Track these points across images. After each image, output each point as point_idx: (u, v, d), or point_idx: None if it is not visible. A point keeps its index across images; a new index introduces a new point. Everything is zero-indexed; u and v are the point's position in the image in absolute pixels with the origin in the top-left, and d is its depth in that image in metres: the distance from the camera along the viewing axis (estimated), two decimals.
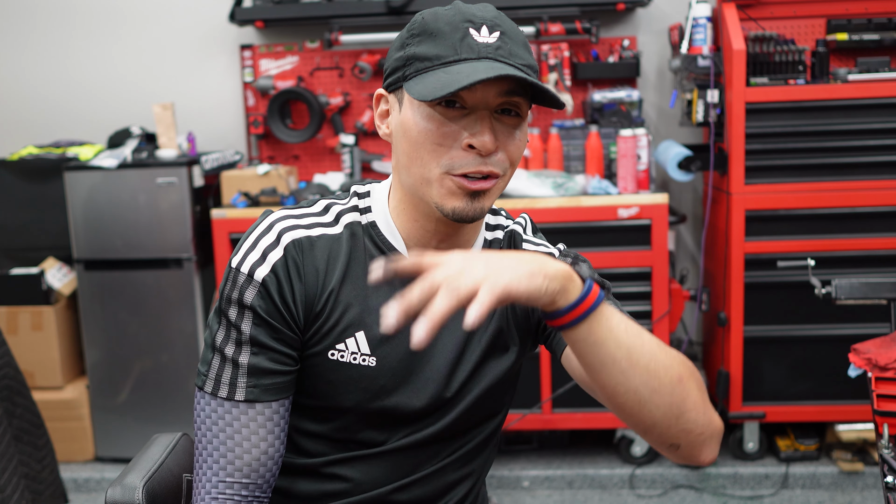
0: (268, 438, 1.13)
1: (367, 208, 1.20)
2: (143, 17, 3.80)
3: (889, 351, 1.89)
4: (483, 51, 1.06)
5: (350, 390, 1.16)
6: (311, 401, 1.18)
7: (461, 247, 1.20)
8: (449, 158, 1.08)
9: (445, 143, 1.08)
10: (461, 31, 1.07)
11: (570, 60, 3.49)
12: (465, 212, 1.10)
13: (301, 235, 1.15)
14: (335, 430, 1.19)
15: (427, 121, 1.08)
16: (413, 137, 1.09)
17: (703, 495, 3.16)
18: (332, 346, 1.15)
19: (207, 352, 1.15)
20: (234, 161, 3.59)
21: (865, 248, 3.12)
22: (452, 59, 1.06)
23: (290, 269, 1.13)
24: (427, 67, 1.07)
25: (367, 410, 1.17)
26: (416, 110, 1.09)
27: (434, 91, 1.03)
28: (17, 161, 3.55)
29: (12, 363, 2.46)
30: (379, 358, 1.16)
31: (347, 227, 1.18)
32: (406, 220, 1.17)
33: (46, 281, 3.44)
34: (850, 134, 3.09)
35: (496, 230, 1.26)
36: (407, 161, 1.11)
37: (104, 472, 3.42)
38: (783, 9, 3.31)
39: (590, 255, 3.14)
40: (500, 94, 1.07)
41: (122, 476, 1.18)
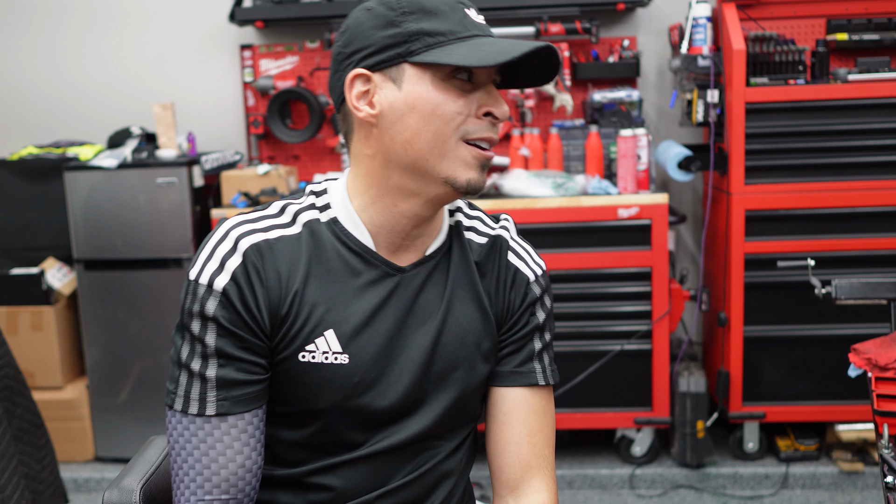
0: (244, 451, 1.11)
1: (326, 205, 1.18)
2: (144, 17, 3.80)
3: (889, 351, 1.89)
4: (484, 29, 1.13)
5: (325, 391, 1.14)
6: (287, 407, 1.16)
7: (431, 233, 1.20)
8: (466, 125, 1.11)
9: (465, 111, 1.11)
10: (460, 11, 1.12)
11: (570, 60, 3.49)
12: (478, 183, 1.13)
13: (259, 239, 1.12)
14: (313, 435, 1.16)
15: (443, 93, 1.10)
16: (427, 110, 1.09)
17: (703, 495, 3.16)
18: (301, 348, 1.12)
19: (174, 369, 1.11)
20: (234, 161, 3.59)
21: (865, 248, 3.11)
22: (466, 34, 1.10)
23: (251, 275, 1.10)
24: (441, 42, 1.09)
25: (343, 410, 1.15)
26: (427, 84, 1.09)
27: (493, 57, 1.07)
28: (17, 161, 3.55)
29: (12, 363, 2.46)
30: (351, 354, 1.14)
31: (306, 225, 1.16)
32: (380, 208, 1.15)
33: (46, 281, 3.44)
34: (850, 134, 3.09)
35: (455, 214, 1.26)
36: (411, 136, 1.10)
37: (104, 472, 3.42)
38: (783, 9, 3.31)
39: (590, 255, 3.15)
40: (498, 71, 1.15)
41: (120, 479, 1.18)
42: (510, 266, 1.24)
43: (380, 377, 1.16)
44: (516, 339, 1.24)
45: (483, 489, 3.17)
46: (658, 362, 3.19)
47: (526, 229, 3.14)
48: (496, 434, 1.24)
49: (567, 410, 3.25)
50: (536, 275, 1.26)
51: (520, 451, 1.22)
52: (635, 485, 3.23)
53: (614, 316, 3.20)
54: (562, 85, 3.46)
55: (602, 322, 3.20)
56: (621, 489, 3.24)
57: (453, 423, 1.23)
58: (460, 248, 1.23)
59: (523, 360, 1.24)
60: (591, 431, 3.49)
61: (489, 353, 1.22)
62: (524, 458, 1.23)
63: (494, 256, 1.24)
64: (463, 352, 1.20)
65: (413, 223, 1.16)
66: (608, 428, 3.36)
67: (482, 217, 1.28)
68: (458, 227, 1.24)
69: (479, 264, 1.23)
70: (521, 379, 1.23)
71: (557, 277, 3.15)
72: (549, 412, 1.25)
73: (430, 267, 1.20)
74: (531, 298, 1.24)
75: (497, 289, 1.23)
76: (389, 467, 1.19)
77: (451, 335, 1.19)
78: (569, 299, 3.17)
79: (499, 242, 1.25)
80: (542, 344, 1.25)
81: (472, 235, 1.25)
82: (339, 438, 1.17)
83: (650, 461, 3.30)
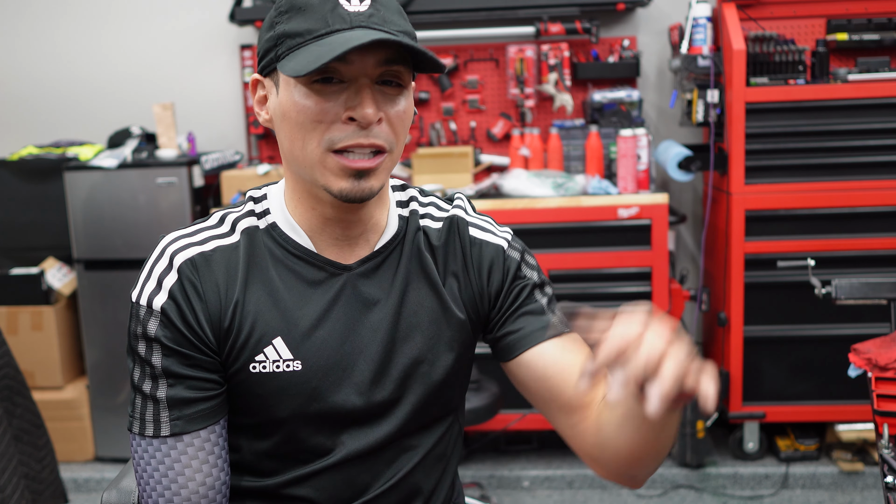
0: (203, 468, 1.08)
1: (264, 211, 1.15)
2: (144, 17, 3.80)
3: (889, 351, 1.89)
4: (355, 19, 1.02)
5: (282, 399, 1.10)
6: (248, 418, 1.13)
7: (371, 230, 1.15)
8: (329, 134, 1.03)
9: (325, 119, 1.03)
10: (331, 2, 1.02)
11: (570, 60, 3.49)
12: (352, 192, 1.05)
13: (194, 253, 1.10)
14: (279, 444, 1.13)
15: (305, 99, 1.03)
16: (293, 118, 1.04)
17: (703, 495, 3.16)
18: (251, 359, 1.09)
19: (131, 392, 1.10)
20: (234, 161, 3.59)
21: (865, 248, 3.11)
22: (324, 31, 1.01)
23: (188, 291, 1.08)
24: (299, 44, 1.02)
25: (305, 417, 1.12)
26: (292, 90, 1.04)
27: (307, 65, 0.99)
28: (17, 161, 3.55)
29: (12, 363, 2.46)
30: (304, 360, 1.10)
31: (244, 233, 1.13)
32: (304, 210, 1.12)
33: (46, 281, 3.44)
34: (850, 134, 3.09)
35: (410, 203, 1.21)
36: (290, 145, 1.07)
37: (104, 472, 3.43)
38: (783, 9, 3.31)
39: (590, 255, 3.15)
40: (380, 64, 1.03)
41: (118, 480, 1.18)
42: (475, 241, 1.19)
43: (339, 380, 1.12)
44: (518, 305, 1.18)
45: (483, 489, 3.17)
46: None
47: (526, 229, 3.14)
48: (560, 384, 1.12)
49: None
50: (508, 241, 1.21)
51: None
52: None
53: None
54: (562, 85, 3.46)
55: None
56: (621, 489, 3.24)
57: (428, 420, 1.18)
58: (412, 238, 1.18)
59: (538, 320, 1.17)
60: None
61: (452, 342, 1.17)
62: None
63: (454, 237, 1.19)
64: (424, 344, 1.15)
65: (339, 224, 1.12)
66: None
67: (435, 202, 1.23)
68: (413, 216, 1.19)
69: (438, 248, 1.18)
70: (546, 332, 1.15)
71: (557, 277, 3.15)
72: (582, 345, 1.16)
73: (379, 262, 1.15)
74: (512, 266, 1.19)
75: (467, 268, 1.18)
76: (366, 473, 1.15)
77: (407, 329, 1.15)
78: (569, 299, 3.15)
79: (455, 222, 1.20)
80: (546, 298, 1.20)
81: (428, 222, 1.20)
82: (307, 446, 1.14)
83: None
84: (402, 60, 1.04)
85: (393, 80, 1.05)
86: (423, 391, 1.16)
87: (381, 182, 1.07)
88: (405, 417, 1.15)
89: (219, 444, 1.10)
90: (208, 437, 1.09)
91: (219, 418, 1.10)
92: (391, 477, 1.17)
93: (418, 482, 1.19)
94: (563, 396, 1.13)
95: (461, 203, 1.23)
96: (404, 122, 1.08)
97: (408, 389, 1.15)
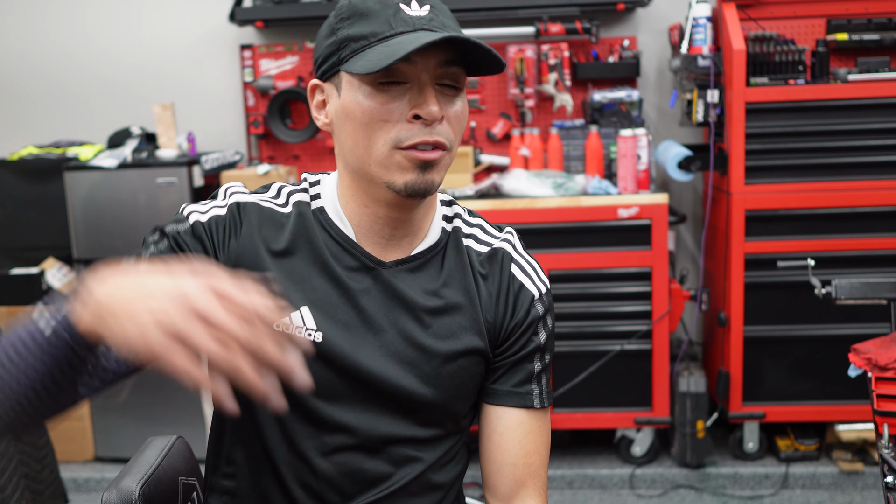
0: None
1: (316, 195, 1.20)
2: (144, 17, 3.80)
3: (889, 351, 1.89)
4: (417, 23, 1.07)
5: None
6: None
7: (413, 233, 1.18)
8: (396, 132, 1.08)
9: (391, 118, 1.08)
10: (392, 7, 1.07)
11: (570, 60, 3.49)
12: (417, 184, 1.09)
13: (248, 201, 1.17)
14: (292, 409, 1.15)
15: (370, 99, 1.08)
16: (357, 118, 1.09)
17: (703, 495, 3.16)
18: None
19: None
20: (234, 161, 3.59)
21: (865, 248, 3.11)
22: (389, 33, 1.06)
23: (227, 225, 1.15)
24: (363, 46, 1.07)
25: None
26: (357, 91, 1.09)
27: (378, 62, 1.03)
28: (17, 161, 3.55)
29: None
30: (325, 334, 1.13)
31: (296, 205, 1.19)
32: (355, 206, 1.17)
33: (46, 281, 3.44)
34: (850, 134, 3.08)
35: (454, 220, 1.24)
36: (353, 144, 1.11)
37: (104, 472, 3.43)
38: (783, 9, 3.31)
39: (590, 255, 3.15)
40: (440, 65, 1.08)
41: (118, 480, 1.18)
42: (514, 280, 1.22)
43: (354, 364, 1.14)
44: (516, 357, 1.21)
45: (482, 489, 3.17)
46: (658, 362, 3.19)
47: (526, 229, 3.14)
48: (491, 452, 1.22)
49: (567, 410, 3.24)
50: (541, 292, 1.23)
51: (515, 470, 1.21)
52: (635, 485, 3.23)
53: (614, 316, 3.20)
54: (562, 85, 3.46)
55: (602, 322, 3.19)
56: (621, 489, 3.24)
57: (432, 423, 1.20)
58: (457, 253, 1.21)
59: (521, 381, 1.21)
60: (591, 431, 3.49)
61: (478, 359, 1.20)
62: (519, 476, 1.21)
63: (496, 267, 1.22)
64: (447, 352, 1.18)
65: (388, 224, 1.16)
66: (608, 428, 3.36)
67: (483, 225, 1.26)
68: (457, 233, 1.23)
69: (481, 274, 1.22)
70: (518, 400, 1.21)
71: (557, 277, 3.15)
72: (544, 432, 1.23)
73: (415, 266, 1.19)
74: (534, 316, 1.22)
75: (498, 300, 1.21)
76: (375, 458, 1.17)
77: (431, 337, 1.17)
78: (569, 299, 3.17)
79: (500, 254, 1.23)
80: (541, 366, 1.23)
81: (472, 243, 1.23)
82: (318, 417, 1.16)
83: (650, 461, 3.30)
84: (458, 62, 1.09)
85: (451, 81, 1.10)
86: (439, 394, 1.18)
87: (441, 177, 1.12)
88: (412, 410, 1.17)
89: None
90: None
91: None
92: (399, 481, 1.18)
93: (422, 488, 1.21)
94: (489, 467, 1.22)
95: (510, 238, 1.26)
96: (461, 122, 1.13)
97: (424, 388, 1.17)
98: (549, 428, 1.25)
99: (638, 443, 3.30)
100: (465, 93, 1.14)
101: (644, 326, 3.18)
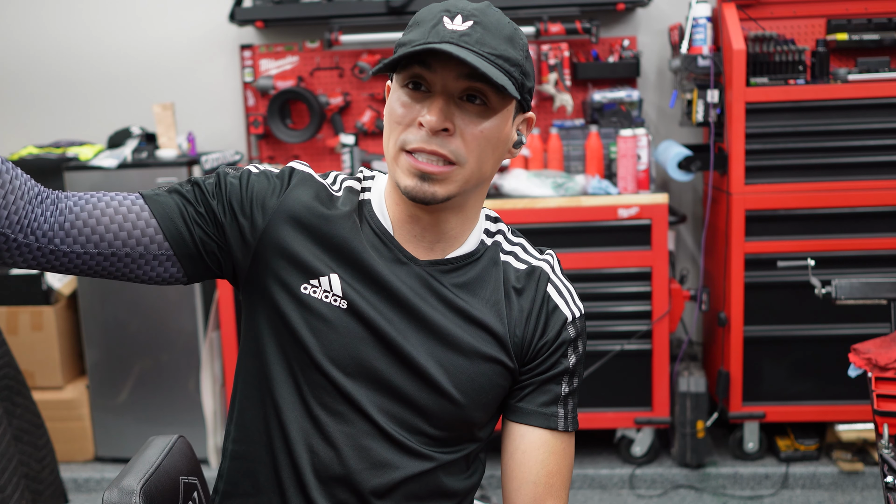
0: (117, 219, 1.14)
1: (367, 188, 1.25)
2: (143, 17, 3.80)
3: (889, 351, 1.89)
4: (447, 35, 1.09)
5: (324, 331, 1.17)
6: (296, 346, 1.18)
7: (447, 240, 1.21)
8: (404, 135, 1.12)
9: (404, 121, 1.12)
10: (436, 20, 1.11)
11: (570, 60, 3.49)
12: (414, 191, 1.12)
13: (306, 170, 1.23)
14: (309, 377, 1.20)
15: (396, 102, 1.13)
16: (387, 118, 1.15)
17: (703, 495, 3.16)
18: (305, 280, 1.17)
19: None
20: (234, 161, 3.59)
21: (865, 248, 3.11)
22: (419, 42, 1.09)
23: (274, 183, 1.20)
24: (401, 53, 1.11)
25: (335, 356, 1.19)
26: (392, 94, 1.15)
27: (385, 63, 1.09)
28: (17, 161, 3.55)
29: (12, 363, 2.46)
30: (350, 304, 1.17)
31: (346, 189, 1.23)
32: (392, 204, 1.21)
33: (46, 281, 3.44)
34: (850, 134, 3.09)
35: (496, 236, 1.27)
36: (385, 142, 1.17)
37: (104, 472, 3.43)
38: (783, 9, 3.31)
39: (590, 255, 3.15)
40: (461, 78, 1.09)
41: (119, 479, 1.18)
42: (549, 300, 1.23)
43: (376, 331, 1.18)
44: (544, 378, 1.22)
45: (483, 489, 3.17)
46: (658, 362, 3.19)
47: (526, 229, 3.13)
48: (513, 470, 1.22)
49: None
50: (574, 316, 1.24)
51: (536, 489, 1.21)
52: (635, 485, 3.23)
53: (614, 316, 3.20)
54: (562, 85, 3.47)
55: (602, 322, 3.20)
56: (621, 489, 3.24)
57: (442, 421, 1.21)
58: (493, 266, 1.23)
59: (548, 402, 1.22)
60: (591, 431, 3.49)
61: (500, 369, 1.21)
62: (540, 495, 1.21)
63: (532, 285, 1.24)
64: (468, 350, 1.19)
65: (417, 223, 1.19)
66: (608, 428, 3.36)
67: (524, 245, 1.28)
68: (496, 247, 1.25)
69: (515, 289, 1.23)
70: (543, 420, 1.22)
71: None
72: (568, 455, 1.24)
73: (447, 269, 1.21)
74: (565, 338, 1.23)
75: (529, 316, 1.22)
76: (383, 440, 1.19)
77: (455, 332, 1.19)
78: None
79: (538, 272, 1.25)
80: (569, 389, 1.23)
81: (511, 259, 1.25)
82: (334, 385, 1.19)
83: (650, 461, 3.30)
84: (487, 81, 1.08)
85: (477, 97, 1.11)
86: (450, 396, 1.19)
87: (447, 191, 1.13)
88: (424, 407, 1.19)
89: (133, 212, 1.15)
90: (141, 208, 1.16)
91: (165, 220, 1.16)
92: (410, 474, 1.20)
93: (433, 492, 1.22)
94: (510, 484, 1.23)
95: (550, 260, 1.28)
96: (480, 141, 1.13)
97: (432, 384, 1.18)
98: (573, 452, 1.25)
99: (638, 443, 3.30)
100: (504, 113, 1.14)
101: (644, 326, 3.18)
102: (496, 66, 1.09)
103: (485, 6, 1.14)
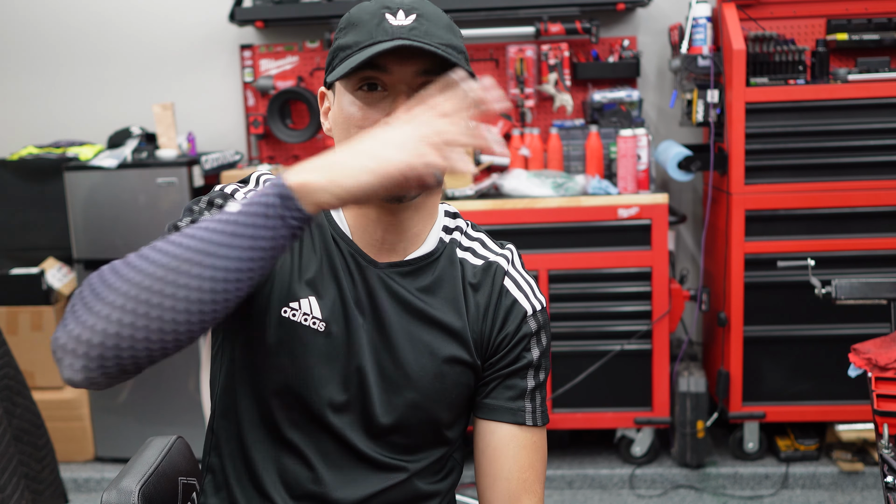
0: None
1: None
2: (144, 18, 3.80)
3: (889, 351, 1.89)
4: (396, 32, 1.08)
5: (302, 353, 1.16)
6: (277, 371, 1.17)
7: (409, 239, 1.19)
8: None
9: (366, 124, 1.10)
10: (378, 17, 1.10)
11: (570, 60, 3.49)
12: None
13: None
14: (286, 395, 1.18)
15: (351, 106, 1.12)
16: (341, 123, 1.13)
17: (703, 495, 3.16)
18: (286, 302, 1.15)
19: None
20: (234, 161, 3.59)
21: (865, 248, 3.11)
22: (367, 42, 1.08)
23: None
24: (347, 55, 1.10)
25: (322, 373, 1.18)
26: (342, 98, 1.13)
27: (343, 70, 1.08)
28: (17, 161, 3.55)
29: (12, 363, 2.46)
30: (328, 324, 1.16)
31: None
32: (351, 208, 1.19)
33: (46, 281, 3.44)
34: (850, 134, 3.08)
35: (454, 232, 1.25)
36: (339, 147, 1.14)
37: (104, 472, 3.43)
38: (783, 9, 3.31)
39: (590, 255, 3.15)
40: (418, 74, 1.09)
41: (118, 480, 1.18)
42: (506, 294, 1.22)
43: (347, 359, 1.17)
44: (507, 372, 1.21)
45: None
46: (658, 362, 3.19)
47: (526, 229, 3.14)
48: (485, 467, 1.21)
49: (567, 410, 3.24)
50: (535, 309, 1.23)
51: (509, 485, 1.20)
52: (635, 485, 3.23)
53: (614, 316, 3.20)
54: (562, 85, 3.46)
55: (602, 322, 3.19)
56: (621, 489, 3.24)
57: (411, 428, 1.20)
58: (450, 264, 1.22)
59: (514, 397, 1.21)
60: (591, 431, 3.49)
61: (463, 368, 1.20)
62: (514, 491, 1.20)
63: (489, 280, 1.22)
64: (430, 352, 1.19)
65: (379, 226, 1.18)
66: (608, 428, 3.36)
67: (484, 240, 1.27)
68: (453, 244, 1.24)
69: (472, 286, 1.22)
70: (510, 416, 1.20)
71: (557, 277, 3.15)
72: (539, 449, 1.22)
73: (406, 271, 1.19)
74: (526, 332, 1.22)
75: (487, 311, 1.21)
76: (358, 461, 1.19)
77: (416, 335, 1.18)
78: (569, 299, 3.17)
79: (494, 267, 1.23)
80: (535, 383, 1.22)
81: (468, 256, 1.24)
82: (312, 399, 1.18)
83: (650, 461, 3.30)
84: (441, 72, 1.08)
85: None
86: (413, 402, 1.19)
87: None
88: (392, 421, 1.18)
89: None
90: None
91: None
92: (385, 482, 1.20)
93: (410, 498, 1.22)
94: (483, 482, 1.21)
95: (508, 254, 1.26)
96: None
97: (397, 396, 1.18)
98: (545, 446, 1.24)
99: (638, 443, 3.30)
100: None
101: (644, 326, 3.18)
102: (450, 56, 1.09)
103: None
